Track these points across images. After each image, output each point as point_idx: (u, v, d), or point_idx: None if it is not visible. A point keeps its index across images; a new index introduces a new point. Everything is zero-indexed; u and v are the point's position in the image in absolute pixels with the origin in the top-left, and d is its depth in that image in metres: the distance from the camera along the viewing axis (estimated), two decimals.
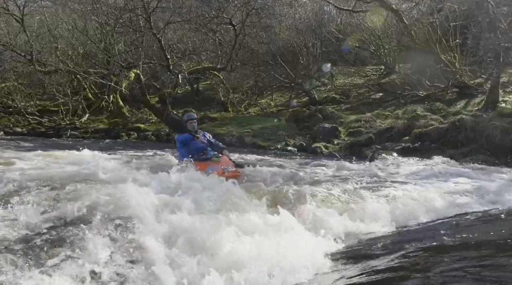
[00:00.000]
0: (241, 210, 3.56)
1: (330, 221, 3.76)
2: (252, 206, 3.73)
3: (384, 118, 12.31)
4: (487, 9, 12.23)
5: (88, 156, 7.25)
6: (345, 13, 17.85)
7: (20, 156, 7.21)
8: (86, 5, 15.41)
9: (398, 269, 2.44)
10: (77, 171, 5.29)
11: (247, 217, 3.38)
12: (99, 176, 4.64)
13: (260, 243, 2.89)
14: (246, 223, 3.26)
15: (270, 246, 2.89)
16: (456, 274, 2.16)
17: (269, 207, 3.81)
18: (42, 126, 15.54)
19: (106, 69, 15.55)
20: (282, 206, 3.73)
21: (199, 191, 3.92)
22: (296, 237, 3.17)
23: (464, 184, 5.89)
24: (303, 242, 3.10)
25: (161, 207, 3.38)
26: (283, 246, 2.91)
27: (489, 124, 9.30)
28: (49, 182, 3.94)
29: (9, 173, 4.68)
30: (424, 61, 14.50)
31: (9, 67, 16.08)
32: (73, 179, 4.28)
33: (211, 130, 13.55)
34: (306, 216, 3.79)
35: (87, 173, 5.08)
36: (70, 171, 5.41)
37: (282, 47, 17.09)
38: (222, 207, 3.55)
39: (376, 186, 5.73)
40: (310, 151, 10.83)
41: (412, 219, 4.06)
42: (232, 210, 3.48)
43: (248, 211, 3.55)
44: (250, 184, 5.00)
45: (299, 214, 3.82)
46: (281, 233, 3.20)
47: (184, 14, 15.53)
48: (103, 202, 3.26)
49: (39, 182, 3.92)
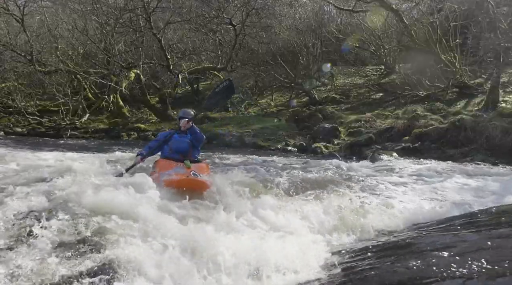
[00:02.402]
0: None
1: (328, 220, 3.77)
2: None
3: (384, 118, 12.31)
4: (487, 9, 12.24)
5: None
6: (345, 13, 17.86)
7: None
8: (86, 5, 15.43)
9: (397, 267, 2.44)
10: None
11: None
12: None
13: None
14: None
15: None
16: (456, 274, 2.16)
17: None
18: (42, 126, 15.52)
19: (106, 69, 15.55)
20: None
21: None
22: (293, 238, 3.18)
23: (464, 184, 5.89)
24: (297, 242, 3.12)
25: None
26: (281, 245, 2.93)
27: (489, 124, 9.31)
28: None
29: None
30: (424, 61, 14.50)
31: (9, 67, 16.08)
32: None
33: (211, 130, 13.60)
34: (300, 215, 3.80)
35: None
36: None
37: (282, 47, 17.09)
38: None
39: (376, 186, 5.74)
40: (310, 151, 10.83)
41: (412, 219, 4.05)
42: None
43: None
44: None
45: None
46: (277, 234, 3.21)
47: (184, 14, 15.54)
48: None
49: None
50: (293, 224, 3.52)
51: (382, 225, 3.89)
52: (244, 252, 2.71)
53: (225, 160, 8.51)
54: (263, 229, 3.43)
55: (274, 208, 3.84)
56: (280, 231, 3.33)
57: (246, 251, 2.72)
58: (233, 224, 3.33)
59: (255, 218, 3.59)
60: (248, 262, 2.62)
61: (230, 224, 3.31)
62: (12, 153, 7.40)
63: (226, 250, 2.68)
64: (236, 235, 3.04)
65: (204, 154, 9.29)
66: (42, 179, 4.48)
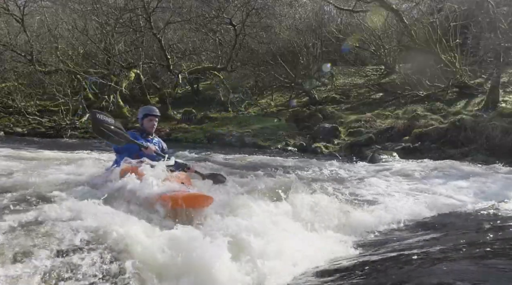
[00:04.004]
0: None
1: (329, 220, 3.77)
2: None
3: (384, 118, 12.31)
4: (487, 9, 12.24)
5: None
6: (345, 13, 17.86)
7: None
8: (86, 5, 15.44)
9: (395, 265, 2.44)
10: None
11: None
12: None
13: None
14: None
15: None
16: (455, 273, 2.16)
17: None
18: (42, 126, 15.51)
19: (106, 69, 15.56)
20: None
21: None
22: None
23: (464, 184, 5.89)
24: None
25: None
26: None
27: (489, 124, 9.31)
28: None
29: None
30: (424, 61, 14.51)
31: (9, 67, 16.09)
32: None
33: (211, 130, 13.61)
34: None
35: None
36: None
37: (282, 47, 17.11)
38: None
39: (376, 186, 5.74)
40: (310, 151, 10.83)
41: (412, 219, 4.06)
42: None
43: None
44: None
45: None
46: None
47: (184, 14, 15.56)
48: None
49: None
50: (286, 224, 3.49)
51: (380, 224, 3.90)
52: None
53: (225, 160, 8.51)
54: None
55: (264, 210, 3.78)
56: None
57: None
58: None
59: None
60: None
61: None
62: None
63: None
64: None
65: (204, 154, 9.32)
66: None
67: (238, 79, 18.17)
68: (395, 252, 2.83)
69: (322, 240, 3.35)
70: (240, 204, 3.42)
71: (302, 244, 3.04)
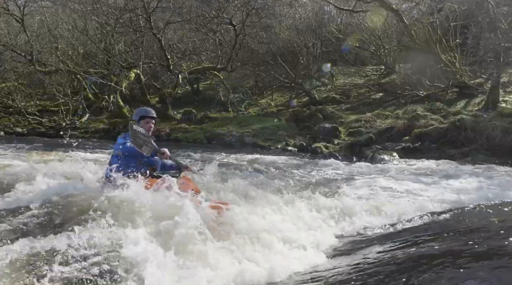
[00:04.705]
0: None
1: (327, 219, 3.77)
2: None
3: (384, 118, 12.31)
4: (487, 9, 12.24)
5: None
6: (345, 13, 17.85)
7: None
8: (86, 5, 15.44)
9: (395, 263, 2.44)
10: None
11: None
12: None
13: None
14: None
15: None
16: (454, 273, 2.16)
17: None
18: (42, 126, 15.51)
19: (106, 69, 15.56)
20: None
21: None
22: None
23: (464, 184, 5.89)
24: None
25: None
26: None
27: (489, 124, 9.31)
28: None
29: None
30: (424, 61, 14.50)
31: (9, 67, 16.08)
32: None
33: (211, 130, 13.60)
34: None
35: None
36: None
37: (282, 47, 17.09)
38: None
39: (375, 186, 5.74)
40: (310, 151, 10.83)
41: (412, 219, 4.06)
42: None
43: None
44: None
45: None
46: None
47: (184, 14, 15.56)
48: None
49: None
50: (282, 224, 3.50)
51: (380, 224, 3.90)
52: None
53: (224, 160, 8.51)
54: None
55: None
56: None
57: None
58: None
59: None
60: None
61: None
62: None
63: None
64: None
65: (204, 154, 9.32)
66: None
67: (238, 79, 18.15)
68: (395, 252, 2.83)
69: (321, 240, 3.35)
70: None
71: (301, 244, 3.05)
